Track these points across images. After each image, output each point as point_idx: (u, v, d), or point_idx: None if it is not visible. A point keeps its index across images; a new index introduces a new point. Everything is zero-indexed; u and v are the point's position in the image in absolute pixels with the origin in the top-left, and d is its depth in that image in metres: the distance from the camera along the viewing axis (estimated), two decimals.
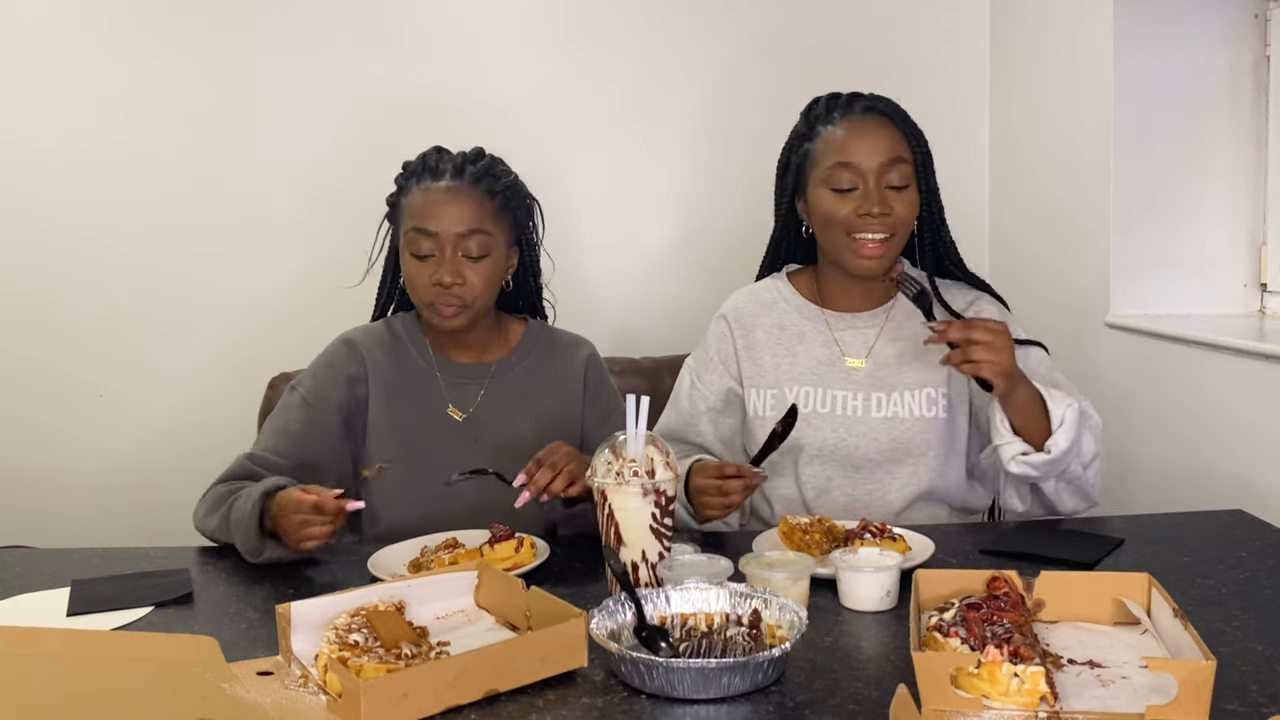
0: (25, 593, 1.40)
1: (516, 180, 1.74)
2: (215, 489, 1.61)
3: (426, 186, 1.66)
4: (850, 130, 1.64)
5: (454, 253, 1.63)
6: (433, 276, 1.63)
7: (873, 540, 1.37)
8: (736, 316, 1.77)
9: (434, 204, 1.65)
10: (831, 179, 1.62)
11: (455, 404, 1.72)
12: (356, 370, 1.72)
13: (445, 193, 1.65)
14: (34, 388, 2.73)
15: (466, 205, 1.65)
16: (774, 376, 1.72)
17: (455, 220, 1.64)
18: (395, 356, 1.74)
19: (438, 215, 1.64)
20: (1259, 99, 2.19)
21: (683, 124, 2.80)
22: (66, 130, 2.67)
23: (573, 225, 2.75)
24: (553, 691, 1.06)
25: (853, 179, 1.61)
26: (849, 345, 1.70)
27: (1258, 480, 1.87)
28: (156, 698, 1.05)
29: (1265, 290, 2.21)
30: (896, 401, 1.66)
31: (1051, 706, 0.96)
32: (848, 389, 1.68)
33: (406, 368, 1.73)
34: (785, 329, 1.74)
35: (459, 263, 1.64)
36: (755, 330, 1.75)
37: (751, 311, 1.77)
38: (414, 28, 2.72)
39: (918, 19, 2.78)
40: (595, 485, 1.31)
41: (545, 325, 1.84)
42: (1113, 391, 2.29)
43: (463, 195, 1.65)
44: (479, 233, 1.64)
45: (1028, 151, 2.64)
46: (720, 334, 1.77)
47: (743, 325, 1.76)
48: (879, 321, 1.71)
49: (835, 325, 1.72)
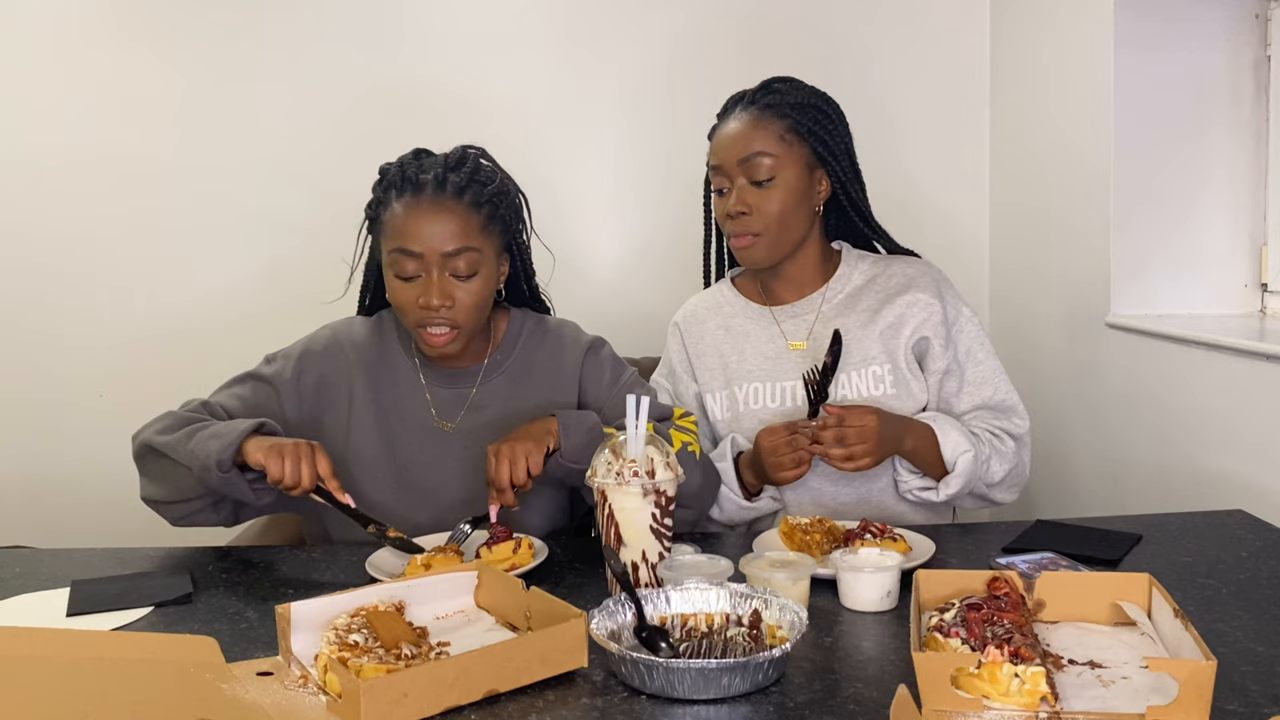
0: (25, 593, 1.41)
1: (502, 182, 1.62)
2: (172, 413, 1.58)
3: (407, 202, 1.54)
4: (721, 130, 1.70)
5: (440, 273, 1.53)
6: (420, 299, 1.53)
7: (873, 540, 1.38)
8: (686, 324, 1.82)
9: (417, 222, 1.53)
10: (711, 180, 1.71)
11: (442, 412, 1.65)
12: (335, 374, 1.66)
13: (428, 210, 1.53)
14: (34, 388, 2.73)
15: (451, 221, 1.53)
16: (724, 377, 1.75)
17: (441, 239, 1.52)
18: (383, 359, 1.67)
19: (421, 235, 1.52)
20: (1259, 99, 2.19)
21: (682, 124, 2.79)
22: (65, 130, 2.68)
23: (573, 224, 2.75)
24: (553, 691, 1.06)
25: (720, 180, 1.69)
26: (792, 333, 1.74)
27: (1258, 480, 1.87)
28: (156, 698, 1.05)
29: (1265, 290, 2.21)
30: (844, 384, 1.68)
31: (1052, 707, 0.96)
32: (794, 378, 1.70)
33: (393, 372, 1.67)
34: (731, 329, 1.77)
35: (446, 283, 1.53)
36: (703, 336, 1.79)
37: (699, 316, 1.81)
38: (414, 27, 2.72)
39: (918, 19, 2.78)
40: (595, 485, 1.30)
41: (531, 314, 1.74)
42: (1113, 391, 2.29)
43: (446, 210, 1.53)
44: (467, 250, 1.54)
45: (1028, 152, 2.64)
46: (675, 343, 1.83)
47: (692, 332, 1.81)
48: (816, 305, 1.74)
49: (778, 317, 1.75)
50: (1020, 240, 2.70)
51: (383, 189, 1.60)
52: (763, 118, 1.66)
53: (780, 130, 1.66)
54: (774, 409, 1.69)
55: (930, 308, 1.70)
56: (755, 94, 1.70)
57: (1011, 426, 1.70)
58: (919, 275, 1.74)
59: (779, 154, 1.65)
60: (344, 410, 1.65)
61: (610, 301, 2.73)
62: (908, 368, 1.69)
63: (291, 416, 1.65)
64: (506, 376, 1.68)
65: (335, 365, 1.67)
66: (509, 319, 1.72)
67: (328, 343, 1.70)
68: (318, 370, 1.67)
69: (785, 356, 1.72)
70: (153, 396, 2.74)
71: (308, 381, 1.66)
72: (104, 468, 2.75)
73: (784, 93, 1.68)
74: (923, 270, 1.75)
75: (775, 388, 1.70)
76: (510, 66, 2.74)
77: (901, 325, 1.70)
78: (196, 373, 2.76)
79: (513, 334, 1.71)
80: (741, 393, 1.72)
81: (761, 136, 1.65)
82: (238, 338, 2.75)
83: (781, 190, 1.65)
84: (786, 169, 1.65)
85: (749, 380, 1.72)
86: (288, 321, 2.70)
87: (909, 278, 1.73)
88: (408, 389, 1.67)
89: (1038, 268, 2.59)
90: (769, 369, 1.72)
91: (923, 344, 1.70)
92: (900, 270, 1.75)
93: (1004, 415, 1.70)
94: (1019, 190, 2.70)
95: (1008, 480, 1.68)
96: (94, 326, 2.72)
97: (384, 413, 1.65)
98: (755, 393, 1.71)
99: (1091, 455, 2.37)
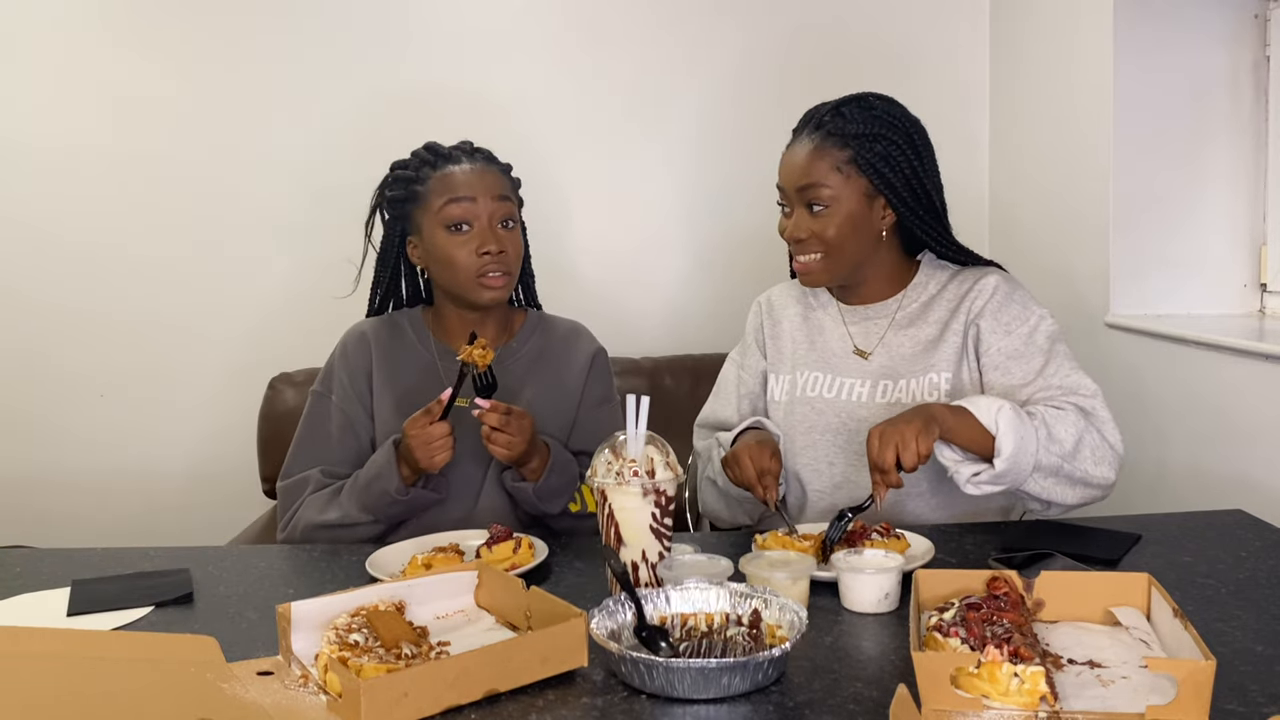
0: (25, 593, 1.41)
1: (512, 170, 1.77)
2: (316, 494, 1.65)
3: (449, 169, 1.69)
4: (788, 151, 1.69)
5: (491, 221, 1.66)
6: (479, 247, 1.64)
7: (878, 540, 1.37)
8: (769, 304, 1.86)
9: (465, 178, 1.67)
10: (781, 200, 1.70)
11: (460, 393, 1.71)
12: (368, 362, 1.74)
13: (472, 168, 1.69)
14: (34, 388, 2.73)
15: (492, 177, 1.69)
16: (791, 363, 1.78)
17: (488, 188, 1.67)
18: (400, 346, 1.76)
19: (471, 185, 1.66)
20: (1259, 99, 2.19)
21: (682, 125, 2.80)
22: (66, 130, 2.68)
23: (574, 226, 2.75)
24: (553, 691, 1.06)
25: (783, 198, 1.69)
26: (861, 337, 1.74)
27: (1258, 480, 1.87)
28: (156, 698, 1.05)
29: (1265, 290, 2.21)
30: (901, 389, 1.68)
31: (1051, 706, 0.96)
32: (856, 377, 1.72)
33: (411, 358, 1.75)
34: (808, 320, 1.80)
35: (498, 232, 1.66)
36: (782, 319, 1.82)
37: (782, 302, 1.84)
38: (415, 28, 2.72)
39: (917, 20, 2.79)
40: (595, 485, 1.30)
41: (543, 314, 1.85)
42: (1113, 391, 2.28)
43: (487, 170, 1.70)
44: (508, 200, 1.69)
45: (1028, 152, 2.64)
46: (754, 320, 1.86)
47: (773, 314, 1.84)
48: (890, 311, 1.74)
49: (850, 319, 1.76)
50: (1020, 240, 2.70)
51: (417, 167, 1.71)
52: (824, 145, 1.64)
53: (839, 161, 1.63)
54: (829, 398, 1.71)
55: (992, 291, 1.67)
56: (824, 117, 1.67)
57: (1075, 400, 1.60)
58: (990, 273, 1.73)
59: (835, 185, 1.63)
60: (368, 397, 1.73)
61: (603, 303, 2.73)
62: (969, 375, 1.66)
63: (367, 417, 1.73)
64: (520, 363, 1.76)
65: (365, 355, 1.75)
66: (525, 315, 1.82)
67: (355, 337, 1.78)
68: (361, 365, 1.75)
69: (850, 357, 1.74)
70: (153, 396, 2.77)
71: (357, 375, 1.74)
72: (104, 468, 2.76)
73: (850, 119, 1.65)
74: (995, 270, 1.74)
75: (835, 380, 1.73)
76: (510, 68, 2.74)
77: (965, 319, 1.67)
78: (197, 373, 2.77)
79: (529, 326, 1.81)
80: (803, 379, 1.74)
81: (820, 168, 1.63)
82: (238, 338, 2.76)
83: (837, 218, 1.64)
84: (843, 200, 1.63)
85: (812, 369, 1.75)
86: (288, 321, 2.72)
87: (979, 276, 1.72)
88: (425, 372, 1.73)
89: (1038, 268, 2.59)
90: (834, 364, 1.74)
91: (975, 329, 1.66)
92: (973, 274, 1.73)
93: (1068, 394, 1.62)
94: (1019, 190, 2.70)
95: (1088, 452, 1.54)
96: (94, 326, 2.73)
97: (402, 397, 1.71)
98: (815, 381, 1.74)
99: None
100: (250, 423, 2.43)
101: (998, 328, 1.65)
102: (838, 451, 1.69)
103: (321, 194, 2.70)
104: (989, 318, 1.66)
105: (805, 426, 1.71)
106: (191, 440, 2.78)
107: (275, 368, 2.46)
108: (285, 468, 1.72)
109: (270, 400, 2.42)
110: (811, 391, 1.72)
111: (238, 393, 2.63)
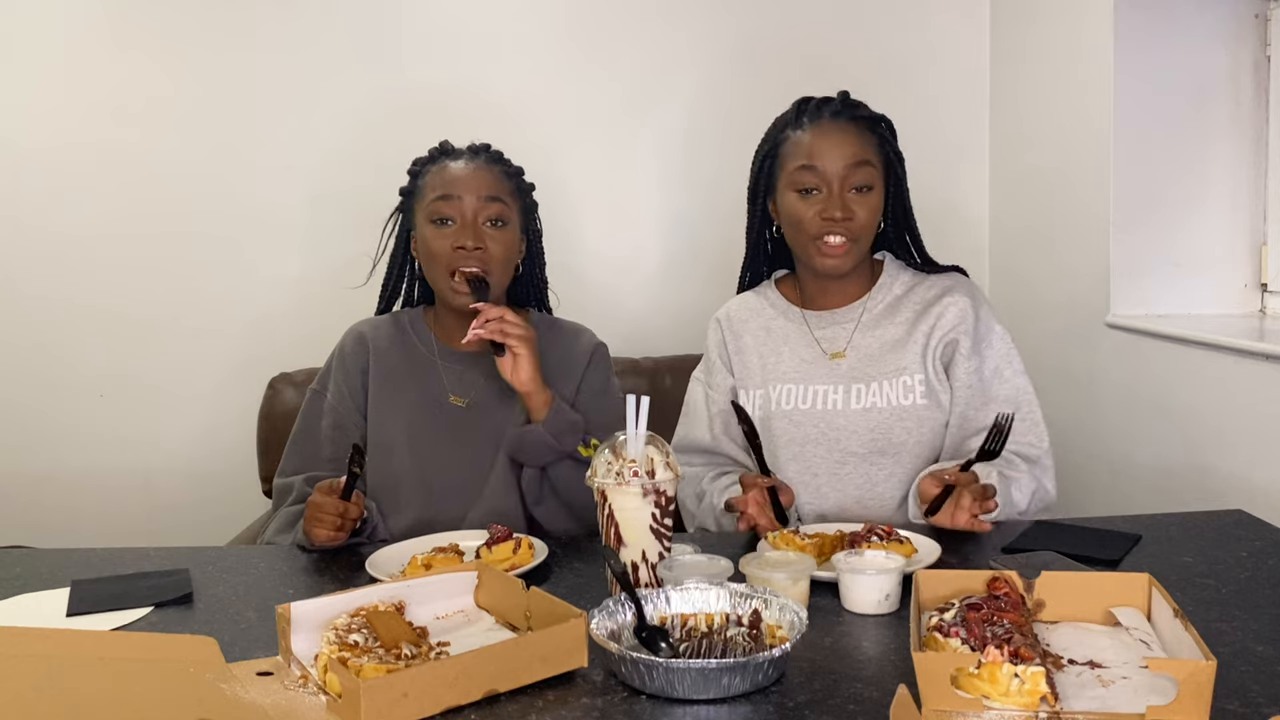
0: (25, 593, 1.41)
1: (524, 174, 1.79)
2: (287, 509, 1.66)
3: (444, 165, 1.72)
4: (816, 134, 1.67)
5: (475, 219, 1.67)
6: (454, 242, 1.66)
7: (880, 543, 1.37)
8: (728, 321, 1.83)
9: (456, 174, 1.70)
10: (796, 181, 1.66)
11: (458, 392, 1.73)
12: (364, 361, 1.76)
13: (465, 166, 1.71)
14: (34, 387, 2.73)
15: (486, 176, 1.71)
16: (760, 377, 1.77)
17: (477, 187, 1.68)
18: (399, 345, 1.77)
19: (460, 181, 1.69)
20: (1259, 99, 2.19)
21: (682, 126, 2.80)
22: (68, 131, 2.68)
23: (574, 226, 2.75)
24: (553, 691, 1.06)
25: (811, 180, 1.65)
26: (829, 341, 1.74)
27: (1258, 480, 1.87)
28: (156, 698, 1.05)
29: (1265, 290, 2.21)
30: (875, 391, 1.69)
31: (1052, 707, 0.96)
32: (829, 383, 1.71)
33: (409, 356, 1.76)
34: (771, 331, 1.79)
35: (480, 230, 1.67)
36: (744, 334, 1.80)
37: (741, 316, 1.82)
38: (415, 29, 2.72)
39: (917, 20, 2.78)
40: (595, 485, 1.30)
41: (546, 315, 1.86)
42: (1113, 391, 2.29)
43: (482, 169, 1.72)
44: (498, 200, 1.69)
45: (1028, 152, 2.64)
46: (716, 338, 1.84)
47: (733, 329, 1.82)
48: (856, 315, 1.75)
49: (815, 324, 1.76)
50: (1020, 240, 2.70)
51: (421, 164, 1.75)
52: (862, 128, 1.68)
53: (876, 142, 1.68)
54: (805, 409, 1.71)
55: (964, 314, 1.70)
56: (842, 104, 1.70)
57: (1025, 447, 1.68)
58: (957, 284, 1.75)
59: (878, 166, 1.67)
60: (361, 397, 1.74)
61: (603, 302, 2.72)
62: (935, 376, 1.69)
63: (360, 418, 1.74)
64: None
65: (363, 354, 1.77)
66: (528, 315, 1.82)
67: (352, 339, 1.79)
68: (358, 365, 1.76)
69: (820, 362, 1.73)
70: (153, 396, 2.77)
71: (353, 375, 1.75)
72: (104, 468, 2.76)
73: (862, 108, 1.70)
74: (961, 280, 1.77)
75: (808, 390, 1.72)
76: (512, 69, 2.74)
77: (933, 331, 1.70)
78: (196, 373, 2.77)
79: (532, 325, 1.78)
80: (775, 393, 1.74)
81: (868, 147, 1.67)
82: (238, 338, 2.76)
83: (874, 202, 1.67)
84: (876, 186, 1.68)
85: (784, 382, 1.74)
86: (288, 321, 2.72)
87: (946, 287, 1.74)
88: (424, 369, 1.75)
89: (1038, 268, 2.59)
90: (805, 372, 1.73)
91: (950, 348, 1.69)
92: (939, 281, 1.76)
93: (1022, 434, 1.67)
94: (1019, 190, 2.70)
95: (1036, 505, 1.66)
96: (94, 326, 2.73)
97: (399, 396, 1.73)
98: (788, 394, 1.73)
99: (1091, 455, 2.37)
100: (250, 423, 2.43)
101: (973, 353, 1.69)
102: (820, 461, 1.69)
103: (321, 194, 2.70)
104: (965, 338, 1.69)
105: (785, 440, 1.71)
106: (191, 440, 2.78)
107: (275, 367, 2.45)
108: (281, 464, 1.75)
109: (270, 400, 2.41)
110: (786, 405, 1.72)
111: (237, 393, 2.63)
